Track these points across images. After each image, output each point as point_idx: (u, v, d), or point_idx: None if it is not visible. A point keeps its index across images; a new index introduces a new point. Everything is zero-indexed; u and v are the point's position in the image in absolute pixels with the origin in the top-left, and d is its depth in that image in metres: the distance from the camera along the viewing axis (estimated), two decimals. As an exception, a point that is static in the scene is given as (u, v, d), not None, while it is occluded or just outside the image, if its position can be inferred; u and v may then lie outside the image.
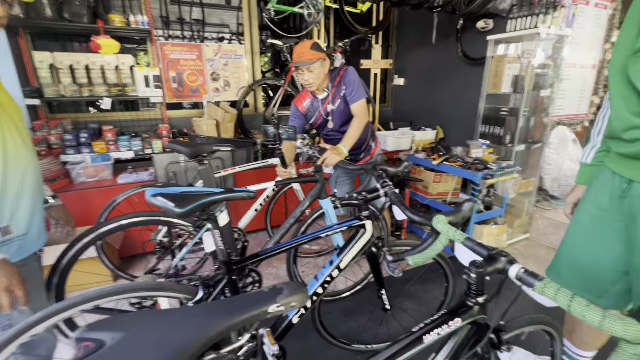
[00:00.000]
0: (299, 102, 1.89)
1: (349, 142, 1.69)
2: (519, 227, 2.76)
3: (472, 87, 2.98)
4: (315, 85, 1.72)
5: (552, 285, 0.60)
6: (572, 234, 1.14)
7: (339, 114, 1.83)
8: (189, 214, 0.85)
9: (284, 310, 0.45)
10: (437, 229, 0.85)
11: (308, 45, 1.66)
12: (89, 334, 0.36)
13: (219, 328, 0.40)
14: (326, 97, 1.80)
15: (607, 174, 1.00)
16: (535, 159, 2.77)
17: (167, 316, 0.41)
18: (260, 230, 2.77)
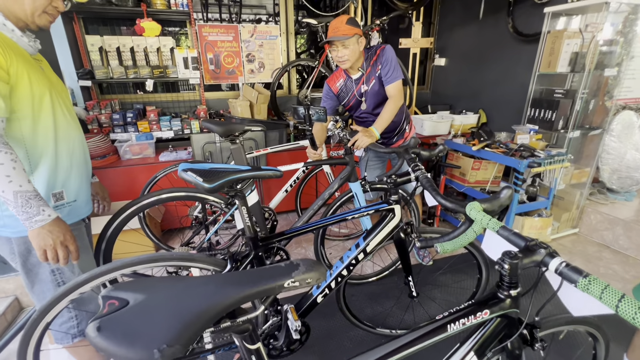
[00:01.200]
0: (332, 82, 1.83)
1: (381, 124, 1.63)
2: (567, 222, 2.54)
3: (522, 66, 2.73)
4: (349, 63, 1.64)
5: (598, 282, 0.54)
6: None
7: (372, 96, 1.76)
8: (217, 189, 0.88)
9: (298, 285, 0.45)
10: (470, 217, 0.80)
11: (344, 20, 1.59)
12: (115, 293, 0.38)
13: (234, 297, 0.41)
14: (360, 77, 1.73)
15: None
16: (593, 147, 2.49)
17: (188, 283, 0.43)
18: (290, 211, 2.83)
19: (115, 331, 0.34)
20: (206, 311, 0.38)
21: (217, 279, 0.44)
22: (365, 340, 1.56)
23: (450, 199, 0.91)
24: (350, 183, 1.74)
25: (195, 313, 0.37)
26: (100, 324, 0.34)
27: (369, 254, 1.21)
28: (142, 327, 0.35)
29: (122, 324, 0.35)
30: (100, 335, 0.33)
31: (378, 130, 1.61)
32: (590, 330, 0.91)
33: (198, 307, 0.38)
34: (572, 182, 2.46)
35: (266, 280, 0.43)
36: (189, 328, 0.36)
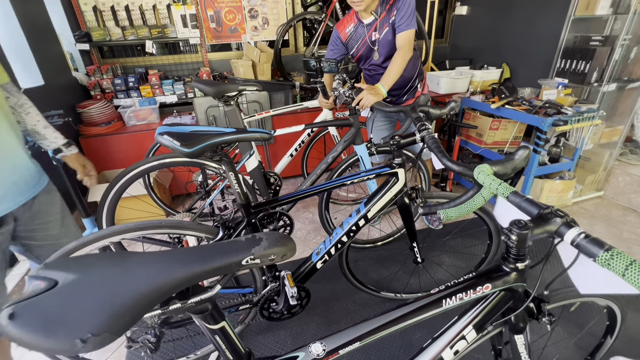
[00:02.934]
0: (341, 27, 1.66)
1: (389, 80, 1.48)
2: (591, 184, 2.37)
3: (554, 10, 2.40)
4: (364, 5, 1.47)
5: (623, 257, 0.46)
6: None
7: (385, 45, 1.58)
8: (198, 154, 0.82)
9: (259, 263, 0.40)
10: (478, 181, 0.71)
11: None
12: (44, 272, 0.34)
13: (180, 278, 0.36)
14: (373, 23, 1.56)
15: None
16: (630, 102, 2.25)
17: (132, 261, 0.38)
18: (297, 175, 2.78)
19: (32, 318, 0.29)
20: (144, 294, 0.34)
21: (167, 256, 0.39)
22: (370, 303, 1.57)
23: (458, 162, 0.82)
24: (355, 146, 1.64)
25: (131, 296, 0.33)
26: (14, 309, 0.30)
27: (371, 220, 1.16)
28: (66, 313, 0.30)
29: (43, 309, 0.31)
30: (13, 323, 0.29)
31: (385, 86, 1.46)
32: (607, 302, 0.84)
33: (135, 290, 0.34)
34: (601, 141, 2.25)
35: (220, 257, 0.38)
36: (121, 313, 0.31)
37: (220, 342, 0.49)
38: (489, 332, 0.68)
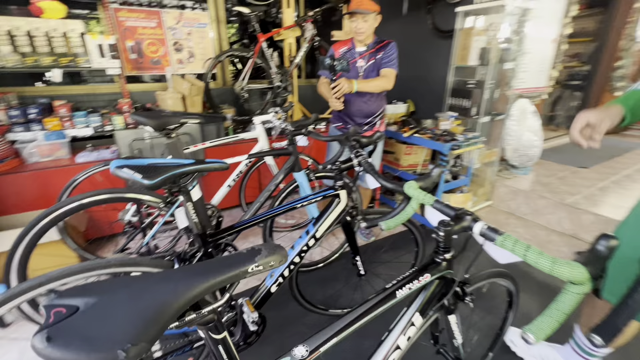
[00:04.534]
0: (337, 46, 2.04)
1: (364, 85, 1.84)
2: (482, 195, 2.94)
3: (442, 60, 3.02)
4: (364, 35, 1.87)
5: (510, 238, 0.65)
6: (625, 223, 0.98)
7: (367, 72, 1.96)
8: (159, 185, 0.82)
9: (262, 269, 0.46)
10: (408, 194, 0.88)
11: None
12: (60, 300, 0.35)
13: (198, 289, 0.40)
14: (363, 52, 1.95)
15: None
16: (498, 130, 2.91)
17: (145, 280, 0.41)
18: (234, 207, 2.74)
19: (70, 338, 0.31)
20: (170, 304, 0.37)
21: (177, 272, 0.42)
22: (320, 322, 1.63)
23: (390, 180, 1.00)
24: (295, 173, 1.76)
25: (158, 308, 0.36)
26: (49, 333, 0.30)
27: (319, 239, 1.26)
28: (100, 330, 0.32)
29: (76, 329, 0.32)
30: (52, 345, 0.29)
31: (359, 85, 1.82)
32: (505, 282, 1.09)
33: (161, 302, 0.37)
34: (485, 161, 2.84)
35: (230, 268, 0.43)
36: (152, 323, 0.34)
37: (223, 352, 0.51)
38: (430, 317, 0.83)
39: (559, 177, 3.09)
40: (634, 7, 4.19)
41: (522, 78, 3.06)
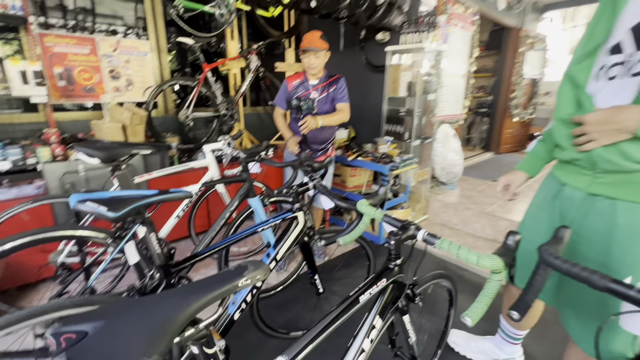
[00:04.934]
0: (290, 79, 2.19)
1: (326, 119, 2.03)
2: (419, 210, 3.26)
3: (376, 91, 3.38)
4: (316, 70, 2.05)
5: (446, 241, 0.80)
6: (523, 222, 1.19)
7: (321, 104, 2.14)
8: (124, 217, 0.81)
9: (249, 283, 0.52)
10: (361, 211, 1.01)
11: (318, 35, 1.99)
12: (67, 328, 0.36)
13: (197, 304, 0.44)
14: (316, 84, 2.13)
15: (550, 177, 1.10)
16: (428, 152, 3.31)
17: (145, 301, 0.43)
18: (182, 238, 2.62)
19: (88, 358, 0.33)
20: (175, 319, 0.40)
21: (175, 292, 0.45)
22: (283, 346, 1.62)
23: (344, 199, 1.12)
24: (249, 199, 1.80)
25: (164, 323, 0.39)
26: (68, 356, 0.32)
27: (280, 261, 1.31)
28: (115, 348, 0.34)
29: (93, 350, 0.34)
30: None
31: (322, 120, 1.99)
32: (446, 283, 1.26)
33: (166, 317, 0.40)
34: (419, 179, 3.18)
35: (223, 283, 0.48)
36: (162, 337, 0.37)
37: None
38: (388, 319, 0.93)
39: (479, 190, 3.58)
40: (519, 50, 5.21)
41: (442, 107, 3.56)
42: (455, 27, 3.53)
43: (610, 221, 0.86)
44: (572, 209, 0.96)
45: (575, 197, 0.95)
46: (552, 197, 1.04)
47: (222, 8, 2.80)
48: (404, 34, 3.01)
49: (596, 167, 0.87)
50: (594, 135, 0.83)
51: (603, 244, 0.88)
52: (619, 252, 0.86)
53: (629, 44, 0.78)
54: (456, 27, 3.55)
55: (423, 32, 2.86)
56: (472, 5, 3.69)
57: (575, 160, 0.92)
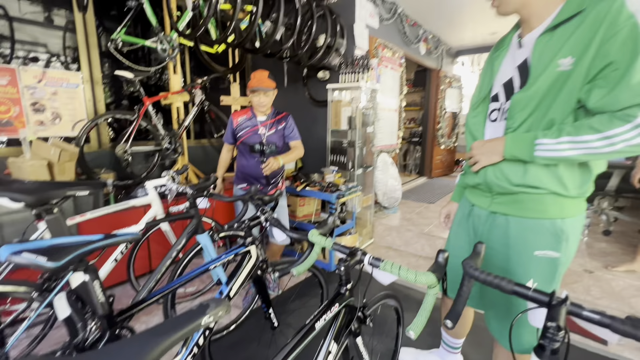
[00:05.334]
0: (236, 115, 2.22)
1: (285, 157, 2.12)
2: (366, 235, 3.43)
3: (320, 124, 3.59)
4: (265, 107, 2.14)
5: (388, 262, 0.91)
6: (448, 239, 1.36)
7: (270, 140, 2.17)
8: (65, 267, 0.76)
9: (213, 320, 0.54)
10: (312, 241, 1.08)
11: (266, 75, 2.08)
12: None
13: (163, 345, 0.45)
14: (265, 120, 2.18)
15: (464, 199, 1.27)
16: (370, 179, 3.56)
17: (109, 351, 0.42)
18: (118, 284, 2.38)
19: None
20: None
21: (138, 337, 0.45)
22: (236, 391, 1.55)
23: (295, 231, 1.18)
24: (198, 236, 1.75)
25: None
26: None
27: (233, 297, 1.29)
28: None
29: None
30: None
31: (283, 159, 2.09)
32: (392, 302, 1.36)
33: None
34: (364, 205, 3.38)
35: (187, 323, 0.49)
36: None
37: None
38: (343, 343, 0.99)
39: (417, 212, 3.92)
40: (441, 88, 6.00)
41: (380, 137, 3.91)
42: (386, 68, 3.99)
43: (505, 233, 1.07)
44: (480, 225, 1.16)
45: (481, 215, 1.15)
46: (467, 216, 1.22)
47: (164, 43, 2.80)
48: (342, 73, 3.31)
49: (492, 190, 1.08)
50: (477, 157, 1.06)
51: (503, 252, 1.08)
52: (515, 257, 1.06)
53: (502, 95, 1.04)
54: (387, 68, 4.00)
55: (359, 73, 3.18)
56: (399, 50, 4.23)
57: (478, 185, 1.13)
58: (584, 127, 0.86)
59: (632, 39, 0.79)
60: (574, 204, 0.99)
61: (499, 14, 0.99)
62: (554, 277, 1.01)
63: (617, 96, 0.81)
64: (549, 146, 0.91)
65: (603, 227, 3.30)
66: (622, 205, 3.95)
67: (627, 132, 0.81)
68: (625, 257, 2.63)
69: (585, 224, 3.12)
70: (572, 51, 0.86)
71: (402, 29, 4.27)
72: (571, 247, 1.01)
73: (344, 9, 3.42)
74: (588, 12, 0.84)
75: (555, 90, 0.90)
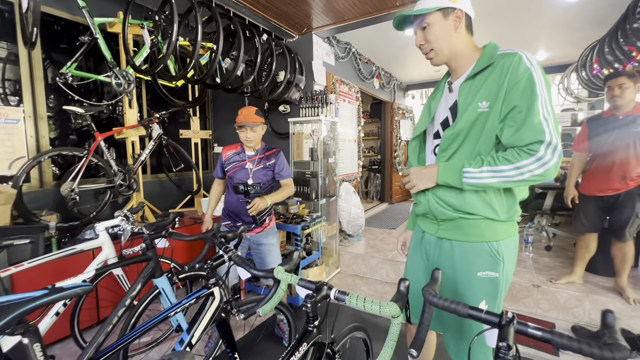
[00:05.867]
0: (226, 150, 2.20)
1: (274, 197, 2.03)
2: (333, 264, 3.43)
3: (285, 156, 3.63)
4: (254, 143, 2.10)
5: (353, 295, 0.93)
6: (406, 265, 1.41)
7: (257, 175, 2.13)
8: (5, 329, 0.67)
9: None
10: (277, 278, 1.07)
11: (253, 111, 2.05)
12: None
13: None
14: (252, 156, 2.14)
15: (417, 227, 1.35)
16: (334, 208, 3.62)
17: None
18: (60, 340, 2.10)
19: None
20: None
21: None
22: None
23: (259, 269, 1.16)
24: (156, 279, 1.64)
25: None
26: None
27: (195, 344, 1.21)
28: None
29: None
30: None
31: (270, 199, 2.00)
32: (361, 335, 1.36)
33: None
34: (329, 235, 3.40)
35: None
36: None
37: None
38: (313, 384, 0.96)
39: (380, 239, 4.02)
40: (395, 119, 6.43)
41: (341, 167, 4.04)
42: (344, 102, 4.22)
43: (451, 257, 1.17)
44: (431, 250, 1.25)
45: (431, 241, 1.24)
46: (419, 242, 1.30)
47: (119, 78, 2.73)
48: (303, 107, 3.44)
49: (438, 217, 1.18)
50: (414, 182, 1.17)
51: (451, 275, 1.17)
52: (462, 279, 1.15)
53: (441, 132, 1.18)
54: (344, 102, 4.24)
55: (318, 107, 3.33)
56: (354, 85, 4.51)
57: (426, 213, 1.23)
58: (499, 159, 1.02)
59: (529, 88, 0.97)
60: (505, 228, 1.11)
61: (432, 64, 1.16)
62: (496, 296, 1.11)
63: (522, 134, 0.98)
64: (474, 174, 1.04)
65: (545, 243, 3.63)
66: (558, 221, 4.40)
67: (531, 164, 0.97)
68: (565, 269, 2.90)
69: (530, 242, 3.41)
70: (487, 96, 1.03)
71: (357, 66, 4.60)
72: (507, 267, 1.12)
73: (302, 47, 3.62)
74: (495, 64, 1.04)
75: (478, 128, 1.06)
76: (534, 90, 0.97)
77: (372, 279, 3.35)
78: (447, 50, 1.12)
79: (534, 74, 0.98)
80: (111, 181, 2.77)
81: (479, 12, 1.39)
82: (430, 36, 1.11)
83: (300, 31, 3.61)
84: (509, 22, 3.87)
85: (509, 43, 4.46)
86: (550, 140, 0.95)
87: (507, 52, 1.04)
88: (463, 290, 1.14)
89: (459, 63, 1.13)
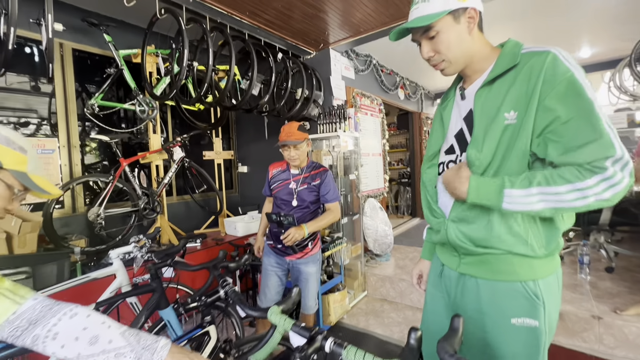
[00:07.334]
0: (272, 167, 2.16)
1: (313, 225, 1.91)
2: (358, 287, 3.22)
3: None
4: (299, 161, 1.98)
5: (352, 350, 0.77)
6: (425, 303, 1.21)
7: (301, 196, 2.01)
8: None
9: None
10: (272, 322, 0.94)
11: (295, 127, 1.94)
12: None
13: None
14: (297, 175, 2.04)
15: (435, 257, 1.16)
16: (358, 227, 3.44)
17: None
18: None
19: None
20: None
21: None
22: None
23: (256, 308, 1.04)
24: (161, 311, 1.58)
25: None
26: None
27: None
28: None
29: None
30: None
31: (308, 228, 1.87)
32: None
33: None
34: (353, 255, 3.22)
35: None
36: None
37: None
38: None
39: (410, 259, 3.74)
40: (424, 129, 6.15)
41: (366, 183, 3.86)
42: (366, 115, 4.08)
43: (477, 297, 0.95)
44: (452, 287, 1.03)
45: (452, 277, 1.03)
46: (439, 275, 1.11)
47: (142, 105, 2.84)
48: (321, 123, 3.35)
49: (459, 249, 0.98)
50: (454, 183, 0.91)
51: (478, 319, 0.95)
52: (492, 326, 0.93)
53: (456, 147, 1.00)
54: (367, 115, 4.10)
55: (336, 123, 3.23)
56: (377, 97, 4.37)
57: (444, 243, 1.03)
58: (554, 177, 0.79)
59: (574, 93, 0.77)
60: (544, 263, 0.89)
61: (445, 75, 0.98)
62: (538, 351, 0.88)
63: (582, 149, 0.76)
64: (519, 199, 0.82)
65: (605, 264, 3.14)
66: (620, 237, 3.83)
67: (597, 185, 0.75)
68: (634, 296, 2.45)
69: (585, 262, 2.96)
70: (515, 105, 0.84)
71: (379, 77, 4.46)
72: (550, 312, 0.89)
73: (320, 63, 3.58)
74: (521, 66, 0.85)
75: (506, 143, 0.86)
76: (582, 96, 0.76)
77: (402, 304, 3.08)
78: (462, 58, 0.93)
79: (577, 76, 0.78)
80: (136, 205, 2.84)
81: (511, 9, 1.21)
82: (441, 46, 0.91)
83: (317, 47, 3.57)
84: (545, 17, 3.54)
85: (548, 40, 4.10)
86: (621, 155, 0.74)
87: (535, 50, 0.84)
88: (494, 341, 0.92)
89: (474, 68, 0.96)
